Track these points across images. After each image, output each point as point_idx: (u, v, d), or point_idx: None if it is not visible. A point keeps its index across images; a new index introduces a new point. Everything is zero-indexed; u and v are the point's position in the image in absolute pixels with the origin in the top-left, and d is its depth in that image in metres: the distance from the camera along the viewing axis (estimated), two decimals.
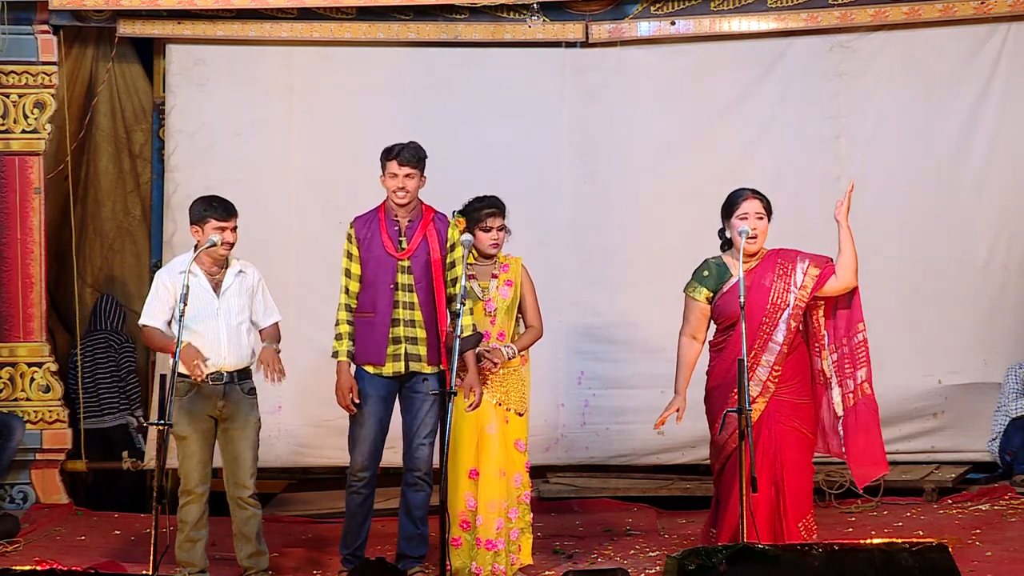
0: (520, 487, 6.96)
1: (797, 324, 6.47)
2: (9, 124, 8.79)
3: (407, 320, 6.84)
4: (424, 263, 6.84)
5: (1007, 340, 8.77)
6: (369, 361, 6.87)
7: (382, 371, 6.86)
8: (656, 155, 8.94)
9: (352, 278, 6.90)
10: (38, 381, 8.80)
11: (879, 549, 5.26)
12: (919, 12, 8.69)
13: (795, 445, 6.47)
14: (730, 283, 6.50)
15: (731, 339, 6.46)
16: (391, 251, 6.84)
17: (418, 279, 6.84)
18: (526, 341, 7.05)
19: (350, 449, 6.94)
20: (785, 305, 6.45)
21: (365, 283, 6.88)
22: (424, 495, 6.97)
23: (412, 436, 6.91)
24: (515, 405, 6.96)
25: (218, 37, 8.89)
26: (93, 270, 9.52)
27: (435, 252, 6.85)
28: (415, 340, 6.85)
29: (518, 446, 6.96)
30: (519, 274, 7.04)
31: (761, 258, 6.56)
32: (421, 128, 8.82)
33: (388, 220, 6.89)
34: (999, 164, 8.79)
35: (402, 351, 6.84)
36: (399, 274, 6.84)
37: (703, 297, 6.57)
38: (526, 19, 8.79)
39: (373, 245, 6.86)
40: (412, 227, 6.88)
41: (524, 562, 6.99)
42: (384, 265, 6.84)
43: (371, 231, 6.88)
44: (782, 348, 6.44)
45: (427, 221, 6.90)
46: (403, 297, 6.84)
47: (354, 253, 6.89)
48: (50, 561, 6.84)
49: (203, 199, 6.86)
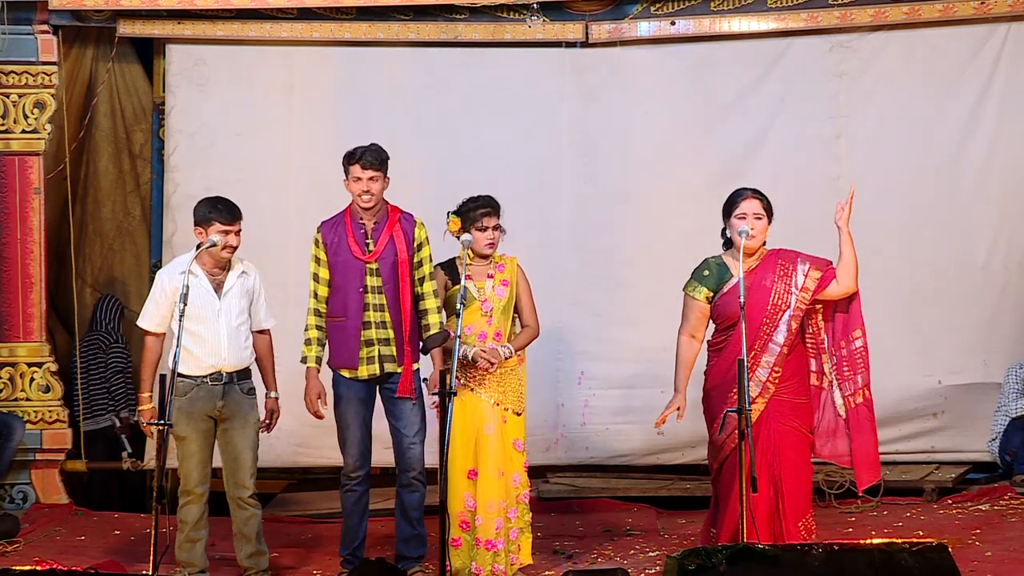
0: (519, 487, 6.96)
1: (798, 326, 6.47)
2: (9, 124, 8.79)
3: (378, 322, 6.87)
4: (391, 264, 6.87)
5: (1007, 340, 8.77)
6: (344, 365, 6.92)
7: (358, 375, 6.90)
8: (656, 155, 8.94)
9: (320, 283, 6.94)
10: (38, 381, 8.80)
11: (879, 549, 5.26)
12: (919, 12, 8.68)
13: (794, 445, 6.48)
14: (730, 283, 6.50)
15: (731, 339, 6.46)
16: (358, 254, 6.87)
17: (385, 280, 6.87)
18: (522, 341, 7.05)
19: (341, 452, 7.01)
20: (786, 306, 6.45)
21: (334, 287, 6.92)
22: (419, 495, 6.99)
23: (401, 437, 6.94)
24: (513, 405, 6.96)
25: (218, 37, 8.89)
26: (93, 270, 9.52)
27: (402, 253, 6.88)
28: (387, 341, 6.88)
29: (516, 446, 6.97)
30: (515, 274, 7.05)
31: (761, 258, 6.56)
32: (421, 128, 8.87)
33: (354, 223, 6.91)
34: (999, 164, 8.79)
35: (375, 353, 6.88)
36: (367, 276, 6.87)
37: (703, 297, 6.58)
38: (526, 19, 8.79)
39: (340, 249, 6.89)
40: (378, 229, 6.91)
41: (524, 562, 7.00)
42: (352, 269, 6.87)
43: (338, 235, 6.91)
44: (782, 349, 6.44)
45: (393, 222, 6.92)
46: (372, 299, 6.87)
47: (322, 258, 6.93)
48: (50, 561, 6.84)
49: (208, 200, 6.85)
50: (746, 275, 6.41)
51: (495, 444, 6.89)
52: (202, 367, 6.78)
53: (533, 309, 7.09)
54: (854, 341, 6.53)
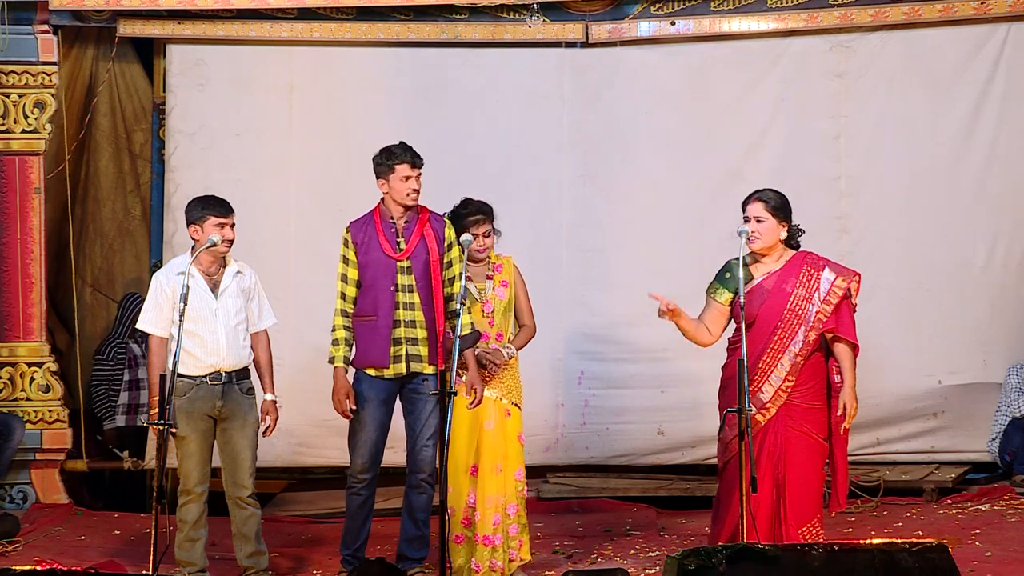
0: (521, 481, 6.96)
1: (817, 336, 6.39)
2: (9, 124, 8.79)
3: (407, 321, 6.84)
4: (424, 263, 6.85)
5: (1007, 340, 8.77)
6: (372, 364, 6.87)
7: (384, 373, 6.87)
8: (656, 156, 8.94)
9: (349, 283, 6.90)
10: (38, 381, 8.81)
11: (879, 549, 5.25)
12: (919, 12, 8.68)
13: (802, 449, 6.36)
14: (750, 285, 6.42)
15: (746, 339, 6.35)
16: (390, 253, 6.85)
17: (418, 279, 6.84)
18: (521, 340, 7.07)
19: (351, 451, 6.95)
20: (804, 315, 6.35)
21: (364, 286, 6.88)
22: (427, 497, 6.97)
23: (416, 438, 6.91)
24: (515, 398, 6.98)
25: (218, 37, 8.89)
26: (93, 270, 9.52)
27: (433, 252, 6.87)
28: (416, 341, 6.85)
29: (521, 439, 6.99)
30: (512, 274, 7.06)
31: (787, 261, 6.48)
32: (421, 128, 8.84)
33: (384, 223, 6.89)
34: (999, 164, 8.78)
35: (403, 352, 6.84)
36: (399, 275, 6.84)
37: (724, 300, 6.49)
38: (526, 19, 8.79)
39: (371, 248, 6.87)
40: (409, 228, 6.89)
41: (524, 559, 6.99)
42: (383, 267, 6.84)
43: (368, 235, 6.89)
44: (797, 359, 6.35)
45: (423, 221, 6.91)
46: (403, 298, 6.84)
47: (351, 258, 6.90)
48: (50, 561, 6.83)
49: (199, 199, 6.88)
50: (768, 277, 6.38)
51: (494, 439, 6.90)
52: (201, 367, 6.79)
53: (530, 308, 7.11)
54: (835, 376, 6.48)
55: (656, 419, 8.81)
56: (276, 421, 6.96)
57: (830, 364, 6.44)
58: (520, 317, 7.10)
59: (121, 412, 9.14)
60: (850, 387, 6.33)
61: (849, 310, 6.41)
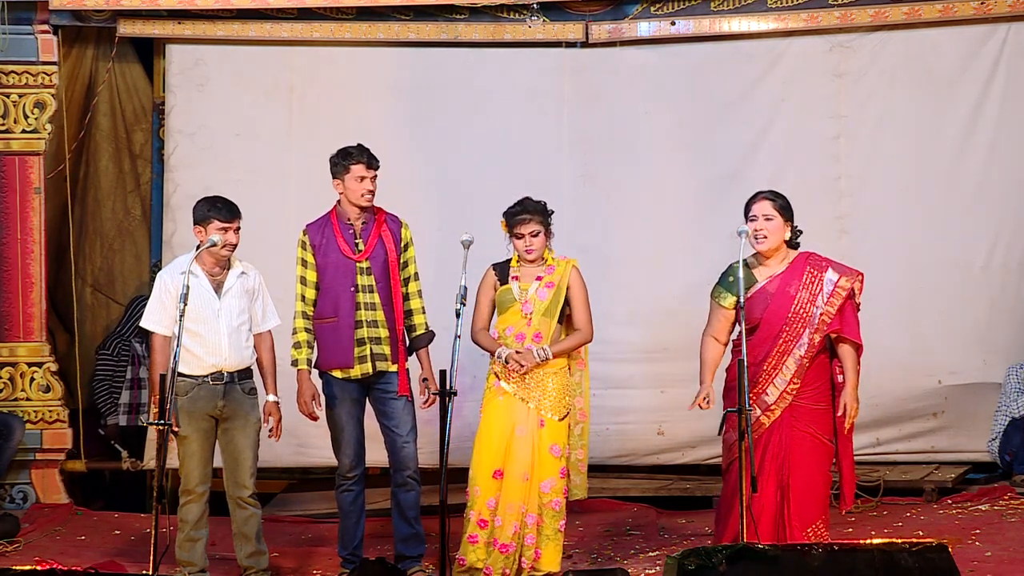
0: (551, 493, 6.79)
1: (821, 338, 6.38)
2: (9, 124, 8.79)
3: (369, 321, 6.88)
4: (382, 263, 6.90)
5: (1007, 340, 8.76)
6: (338, 366, 6.92)
7: (350, 374, 6.91)
8: (656, 155, 8.93)
9: (308, 285, 6.95)
10: (38, 381, 8.81)
11: (879, 549, 5.26)
12: (919, 12, 8.68)
13: (807, 451, 6.37)
14: (754, 289, 6.42)
15: (750, 342, 6.31)
16: (349, 254, 6.90)
17: (378, 279, 6.90)
18: (567, 344, 6.88)
19: (336, 453, 7.02)
20: (809, 318, 6.35)
21: (324, 288, 6.92)
22: (415, 494, 7.00)
23: (394, 437, 6.96)
24: (550, 410, 6.80)
25: (218, 37, 8.90)
26: (93, 270, 9.52)
27: (391, 252, 6.93)
28: (379, 340, 6.90)
29: (553, 451, 6.79)
30: (565, 277, 6.91)
31: (790, 263, 6.47)
32: (421, 128, 8.87)
33: (341, 224, 6.94)
34: (999, 164, 8.78)
35: (367, 352, 6.89)
36: (359, 276, 6.89)
37: (729, 304, 6.48)
38: (526, 19, 8.79)
39: (330, 250, 6.91)
40: (367, 229, 6.94)
41: (545, 569, 6.82)
42: (343, 269, 6.89)
43: (326, 237, 6.94)
44: (802, 361, 6.35)
45: (380, 222, 6.96)
46: (364, 298, 6.89)
47: (309, 260, 6.94)
48: (50, 561, 6.83)
49: (207, 200, 6.87)
50: (771, 280, 6.38)
51: (524, 447, 6.77)
52: (203, 367, 6.79)
53: (586, 313, 6.91)
54: (837, 376, 6.47)
55: (656, 419, 8.80)
56: (280, 422, 6.95)
57: (834, 364, 6.44)
58: (574, 321, 6.95)
59: (123, 411, 9.15)
60: (852, 388, 6.34)
61: (853, 310, 6.40)
